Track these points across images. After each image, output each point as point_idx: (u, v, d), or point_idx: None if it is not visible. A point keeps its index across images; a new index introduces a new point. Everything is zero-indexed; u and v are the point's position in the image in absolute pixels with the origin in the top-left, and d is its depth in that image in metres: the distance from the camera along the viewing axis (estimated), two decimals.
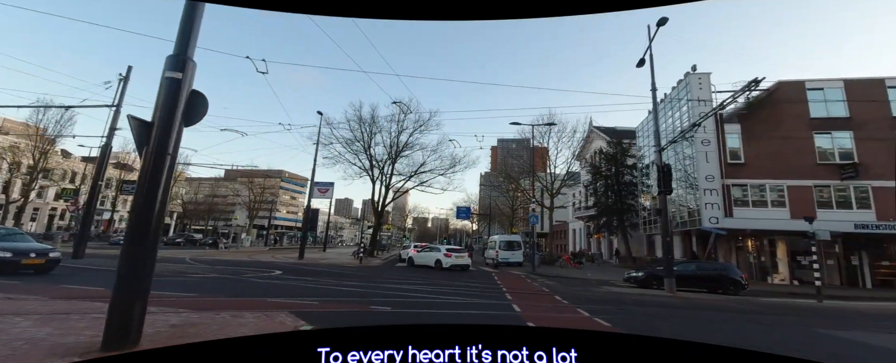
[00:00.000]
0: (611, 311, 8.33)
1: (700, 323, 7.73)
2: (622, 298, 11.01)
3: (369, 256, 28.40)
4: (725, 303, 11.00)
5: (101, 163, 15.12)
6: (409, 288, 10.92)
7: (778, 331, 7.22)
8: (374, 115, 28.86)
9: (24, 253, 9.37)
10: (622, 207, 28.77)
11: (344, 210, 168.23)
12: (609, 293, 12.09)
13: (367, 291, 9.79)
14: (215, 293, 8.47)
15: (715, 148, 19.68)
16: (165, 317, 5.51)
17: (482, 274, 18.33)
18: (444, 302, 8.70)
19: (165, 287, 8.80)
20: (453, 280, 13.98)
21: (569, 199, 40.66)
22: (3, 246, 9.25)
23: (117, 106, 15.37)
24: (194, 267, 14.68)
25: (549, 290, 12.02)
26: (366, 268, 18.15)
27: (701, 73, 20.37)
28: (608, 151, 30.67)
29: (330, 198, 24.84)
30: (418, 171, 30.11)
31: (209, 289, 8.95)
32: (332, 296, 8.82)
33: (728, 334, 6.71)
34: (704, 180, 19.11)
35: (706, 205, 18.87)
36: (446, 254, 19.36)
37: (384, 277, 14.11)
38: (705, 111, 19.62)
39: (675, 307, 9.74)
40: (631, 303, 9.90)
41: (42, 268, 9.71)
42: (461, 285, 12.30)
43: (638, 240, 30.03)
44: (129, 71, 15.85)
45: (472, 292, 10.69)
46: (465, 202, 56.16)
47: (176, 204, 59.73)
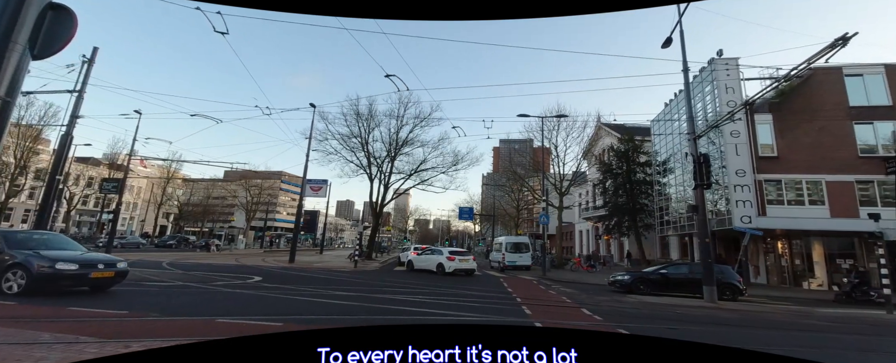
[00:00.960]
0: (667, 334, 6.54)
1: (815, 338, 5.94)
2: (662, 312, 9.21)
3: (367, 259, 26.66)
4: (786, 317, 9.20)
5: (60, 154, 13.43)
6: (405, 299, 9.15)
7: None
8: (372, 109, 27.18)
9: (92, 264, 7.75)
10: (635, 207, 26.91)
11: (345, 212, 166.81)
12: (642, 304, 10.29)
13: (354, 305, 8.03)
14: (157, 309, 6.73)
15: (745, 140, 17.86)
16: (41, 354, 3.76)
17: (489, 279, 16.54)
18: (448, 320, 6.94)
19: (101, 300, 7.10)
20: (458, 287, 12.22)
21: (575, 199, 38.86)
22: (66, 256, 7.59)
23: (80, 91, 13.70)
24: (165, 272, 12.96)
25: (572, 301, 10.23)
26: (360, 274, 16.39)
27: (728, 59, 18.59)
28: (619, 148, 28.83)
29: (324, 196, 23.15)
30: (419, 169, 28.42)
31: (152, 304, 7.20)
32: (306, 312, 7.07)
33: None
34: (735, 175, 17.28)
35: (737, 203, 17.03)
36: (449, 258, 17.46)
37: (379, 284, 12.35)
38: (733, 99, 17.94)
39: (732, 323, 7.94)
40: (677, 320, 8.11)
41: (110, 282, 8.07)
42: (468, 295, 10.53)
43: (651, 241, 28.20)
44: (95, 53, 14.18)
45: (482, 305, 8.92)
46: (467, 203, 54.37)
47: (172, 205, 58.17)
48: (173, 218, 62.41)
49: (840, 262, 17.91)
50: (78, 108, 13.68)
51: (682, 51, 12.61)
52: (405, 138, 27.64)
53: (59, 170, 13.15)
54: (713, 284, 10.95)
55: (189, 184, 64.95)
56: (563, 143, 28.92)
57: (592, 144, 33.94)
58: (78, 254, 8.07)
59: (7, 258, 7.27)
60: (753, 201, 17.05)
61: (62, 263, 7.29)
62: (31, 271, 7.10)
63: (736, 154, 17.55)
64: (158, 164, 51.89)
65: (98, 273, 7.74)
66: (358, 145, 27.07)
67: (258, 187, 62.26)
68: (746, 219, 16.67)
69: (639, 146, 28.06)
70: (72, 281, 7.47)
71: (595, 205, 34.18)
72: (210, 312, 6.59)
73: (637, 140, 28.10)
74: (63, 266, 7.27)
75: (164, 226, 64.04)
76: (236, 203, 62.30)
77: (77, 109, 13.70)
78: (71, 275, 7.35)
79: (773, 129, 18.25)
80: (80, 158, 54.50)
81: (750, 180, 17.33)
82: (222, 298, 8.39)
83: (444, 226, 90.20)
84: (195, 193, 63.03)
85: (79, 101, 13.66)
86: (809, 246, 18.28)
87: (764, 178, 17.69)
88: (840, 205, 17.04)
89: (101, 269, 7.80)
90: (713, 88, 18.78)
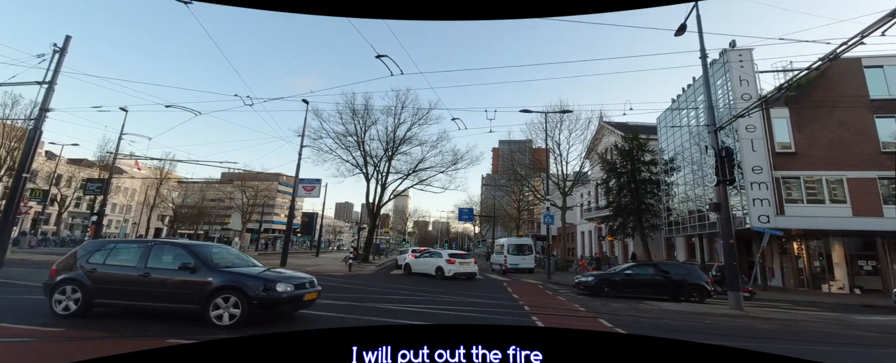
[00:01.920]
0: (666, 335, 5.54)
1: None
2: (690, 323, 8.20)
3: (364, 262, 25.64)
4: (826, 326, 8.20)
5: (28, 149, 12.39)
6: (400, 309, 8.13)
7: None
8: (368, 105, 26.22)
9: (303, 284, 6.44)
10: (640, 207, 25.91)
11: (344, 214, 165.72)
12: (663, 313, 9.29)
13: (337, 317, 7.02)
14: (102, 326, 5.72)
15: (761, 135, 16.90)
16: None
17: (491, 284, 15.53)
18: None
19: (37, 315, 6.02)
20: (459, 294, 11.22)
21: (577, 200, 37.87)
22: (284, 276, 6.38)
23: (50, 83, 12.69)
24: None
25: (586, 310, 9.22)
26: (354, 278, 15.37)
27: (741, 50, 17.65)
28: (623, 146, 27.85)
29: (318, 196, 22.16)
30: (417, 169, 27.46)
31: (96, 323, 6.18)
32: (277, 327, 6.06)
33: None
34: (751, 172, 16.30)
35: (754, 202, 16.05)
36: (449, 261, 16.47)
37: (372, 291, 11.34)
38: (748, 92, 17.01)
39: (774, 335, 6.95)
40: (708, 332, 7.12)
41: (311, 303, 6.80)
42: (471, 303, 9.53)
43: (657, 243, 27.23)
44: (67, 42, 13.18)
45: (487, 314, 7.92)
46: (466, 203, 53.39)
47: (166, 207, 57.01)
48: (168, 220, 61.26)
49: (862, 264, 16.99)
50: (47, 101, 12.67)
51: (700, 35, 11.67)
52: (403, 137, 26.71)
53: (26, 167, 12.12)
54: (739, 289, 9.96)
55: (184, 185, 63.73)
56: (566, 142, 27.96)
57: (595, 143, 33.00)
58: (281, 273, 6.78)
59: (208, 281, 5.83)
60: (771, 199, 16.08)
61: (281, 285, 5.98)
62: (248, 296, 5.71)
63: (752, 150, 16.59)
64: (151, 165, 50.83)
65: (310, 294, 6.50)
66: (354, 144, 26.13)
67: (254, 188, 61.24)
68: (764, 219, 15.70)
69: (643, 144, 27.10)
70: (291, 305, 6.23)
71: (598, 206, 33.20)
72: (163, 331, 5.51)
73: (642, 138, 27.16)
74: (282, 288, 5.94)
75: (160, 228, 62.97)
76: (233, 205, 61.23)
77: (47, 102, 12.68)
78: (289, 298, 6.03)
79: (790, 124, 17.32)
80: (72, 160, 53.56)
81: (767, 177, 16.37)
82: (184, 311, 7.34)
83: (443, 227, 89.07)
84: (190, 195, 61.81)
85: (49, 94, 12.65)
86: (829, 246, 17.33)
87: (782, 175, 16.73)
88: (862, 203, 16.09)
89: (309, 290, 6.50)
90: (726, 81, 17.83)
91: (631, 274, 12.94)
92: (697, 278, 12.44)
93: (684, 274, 12.60)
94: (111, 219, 61.54)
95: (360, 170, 26.45)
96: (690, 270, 12.90)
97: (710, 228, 19.22)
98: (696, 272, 12.83)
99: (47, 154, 50.82)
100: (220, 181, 68.75)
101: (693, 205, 21.42)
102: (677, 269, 13.11)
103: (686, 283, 12.21)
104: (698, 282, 12.28)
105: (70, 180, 47.70)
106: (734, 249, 10.40)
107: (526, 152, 36.41)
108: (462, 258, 17.04)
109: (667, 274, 12.69)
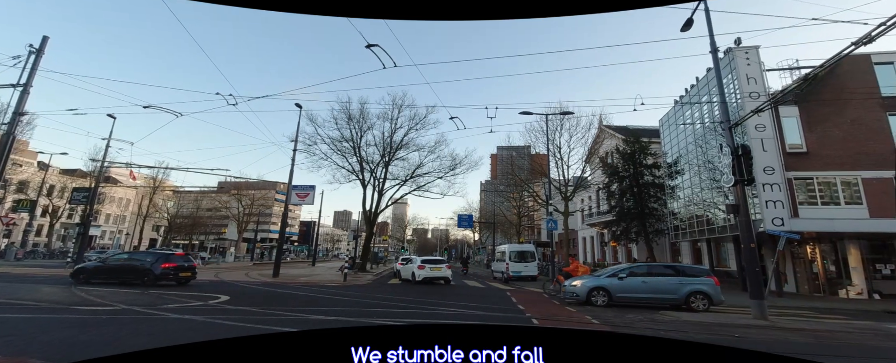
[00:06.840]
0: None
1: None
2: (719, 336, 7.44)
3: (361, 271, 24.80)
4: (868, 338, 7.45)
5: (1, 155, 11.65)
6: (394, 323, 7.36)
7: None
8: (364, 110, 25.60)
9: None
10: (644, 211, 25.20)
11: (343, 222, 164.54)
12: (683, 324, 8.52)
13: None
14: (59, 347, 4.95)
15: (772, 134, 16.29)
16: None
17: (494, 294, 14.72)
18: None
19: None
20: (461, 306, 10.43)
21: (578, 205, 37.15)
22: None
23: (25, 85, 12.00)
24: (113, 294, 11.09)
25: (600, 322, 8.45)
26: (349, 289, 14.55)
27: (748, 47, 17.12)
28: (625, 149, 27.24)
29: (312, 203, 21.39)
30: (415, 174, 26.75)
31: (60, 341, 5.41)
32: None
33: None
34: (763, 173, 15.63)
35: (768, 204, 15.37)
36: (419, 267, 17.37)
37: (365, 304, 10.54)
38: (756, 90, 16.44)
39: (814, 349, 6.21)
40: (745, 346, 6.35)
41: None
42: (474, 315, 8.74)
43: (661, 248, 26.48)
44: (44, 42, 12.52)
45: None
46: (466, 210, 52.60)
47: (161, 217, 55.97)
48: (163, 230, 60.18)
49: (880, 268, 16.27)
50: (22, 104, 11.96)
51: (709, 29, 11.07)
52: (400, 142, 26.06)
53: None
54: (762, 298, 9.21)
55: (178, 195, 62.73)
56: (567, 145, 27.29)
57: (596, 146, 32.42)
58: None
59: None
60: (785, 201, 15.40)
61: None
62: None
63: (762, 150, 15.94)
64: (144, 174, 49.96)
65: None
66: (349, 149, 25.46)
67: (250, 198, 60.37)
68: (778, 222, 15.00)
69: (646, 147, 26.50)
70: None
71: (600, 211, 32.50)
72: None
73: (643, 141, 26.57)
74: None
75: (155, 239, 61.88)
76: (229, 215, 60.26)
77: (21, 105, 11.98)
78: None
79: (801, 122, 16.72)
80: (65, 171, 52.66)
81: (779, 178, 15.71)
82: (153, 329, 6.56)
83: (442, 234, 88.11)
84: (185, 205, 60.78)
85: (23, 97, 11.95)
86: (845, 250, 16.61)
87: (794, 176, 16.08)
88: (878, 204, 15.44)
89: None
90: (733, 79, 17.27)
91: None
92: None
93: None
94: (104, 230, 60.47)
95: (357, 176, 25.75)
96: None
97: (719, 232, 18.51)
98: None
99: (40, 164, 49.99)
100: (217, 191, 67.77)
101: (698, 209, 20.73)
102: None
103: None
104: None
105: (62, 191, 46.78)
106: (756, 254, 9.67)
107: (526, 157, 35.78)
108: (433, 264, 17.75)
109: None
